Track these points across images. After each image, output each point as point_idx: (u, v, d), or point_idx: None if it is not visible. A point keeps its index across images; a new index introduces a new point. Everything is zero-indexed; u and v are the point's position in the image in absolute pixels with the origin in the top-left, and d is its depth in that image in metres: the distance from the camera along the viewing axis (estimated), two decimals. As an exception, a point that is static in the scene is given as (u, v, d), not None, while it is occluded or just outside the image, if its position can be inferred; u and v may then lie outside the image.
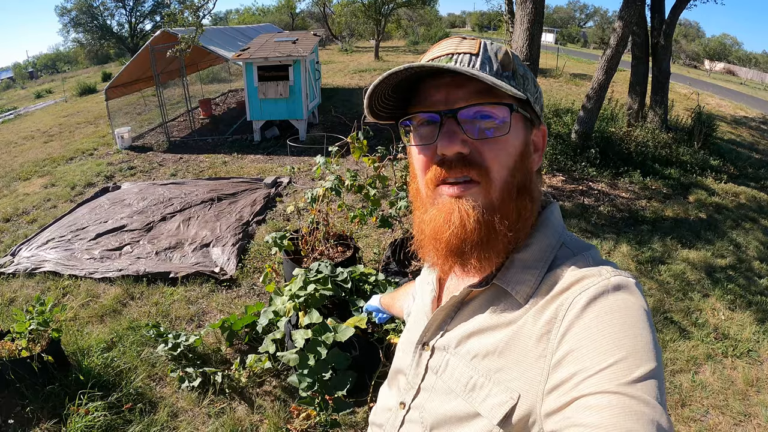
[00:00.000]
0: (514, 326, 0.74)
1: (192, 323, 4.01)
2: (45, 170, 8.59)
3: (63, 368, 3.24)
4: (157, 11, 42.67)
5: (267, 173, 7.85)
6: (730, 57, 47.28)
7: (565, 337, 0.66)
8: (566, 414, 0.60)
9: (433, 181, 0.78)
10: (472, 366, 0.78)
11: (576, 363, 0.63)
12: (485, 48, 0.76)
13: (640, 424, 0.55)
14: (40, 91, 24.11)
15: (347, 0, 28.40)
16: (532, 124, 0.81)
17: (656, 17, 9.67)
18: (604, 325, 0.64)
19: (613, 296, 0.67)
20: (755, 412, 3.21)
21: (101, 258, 5.04)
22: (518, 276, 0.77)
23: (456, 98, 0.75)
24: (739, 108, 16.85)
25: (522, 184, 0.78)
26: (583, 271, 0.72)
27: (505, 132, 0.75)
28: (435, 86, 0.77)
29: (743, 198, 7.23)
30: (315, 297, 3.07)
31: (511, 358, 0.73)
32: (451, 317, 0.86)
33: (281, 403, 3.12)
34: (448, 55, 0.76)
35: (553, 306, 0.71)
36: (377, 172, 3.84)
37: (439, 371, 0.85)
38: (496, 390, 0.73)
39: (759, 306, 4.38)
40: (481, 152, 0.75)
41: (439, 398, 0.83)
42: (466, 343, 0.80)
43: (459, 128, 0.75)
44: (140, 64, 10.42)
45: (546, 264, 0.77)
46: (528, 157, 0.80)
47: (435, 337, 0.88)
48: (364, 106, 0.81)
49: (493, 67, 0.75)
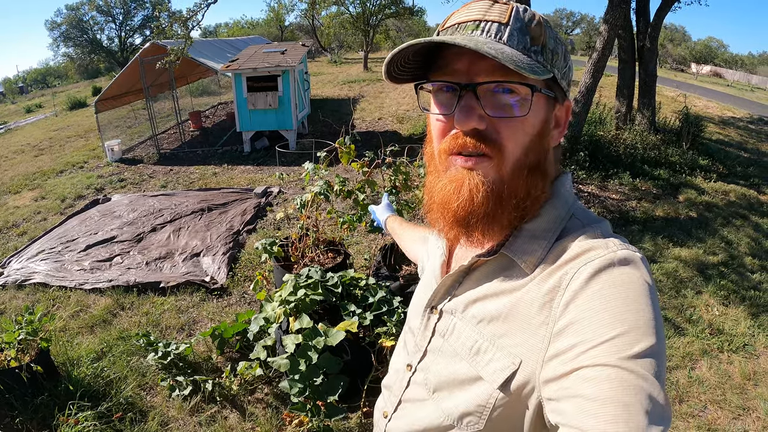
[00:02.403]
0: (519, 293, 0.74)
1: (182, 332, 3.97)
2: (35, 183, 8.53)
3: (52, 378, 3.19)
4: (147, 25, 42.82)
5: (257, 183, 7.82)
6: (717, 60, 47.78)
7: (568, 307, 0.66)
8: (565, 384, 0.61)
9: (447, 151, 0.77)
10: (477, 330, 0.79)
11: (577, 334, 0.63)
12: (516, 16, 0.73)
13: (637, 398, 0.55)
14: (31, 105, 23.96)
15: (336, 11, 28.52)
16: (556, 101, 0.79)
17: (641, 20, 9.77)
18: (607, 298, 0.63)
19: (618, 270, 0.66)
20: (754, 406, 3.20)
21: (91, 269, 4.99)
22: (526, 246, 0.77)
23: (478, 70, 0.73)
24: (726, 109, 16.99)
25: (535, 162, 0.77)
26: (591, 242, 0.71)
27: (525, 113, 0.73)
28: (458, 54, 0.75)
29: (733, 196, 7.27)
30: (305, 302, 3.04)
31: (514, 324, 0.73)
32: (459, 283, 0.86)
33: (273, 410, 3.08)
34: (474, 22, 0.73)
35: (557, 275, 0.70)
36: (366, 177, 3.83)
37: (445, 334, 0.86)
38: (499, 355, 0.74)
39: (752, 301, 4.39)
40: (497, 129, 0.74)
41: (444, 361, 0.85)
42: (473, 307, 0.81)
43: (477, 103, 0.73)
44: (130, 77, 10.40)
45: (554, 234, 0.77)
46: (546, 135, 0.79)
47: (443, 301, 0.88)
48: (382, 72, 0.80)
49: (523, 39, 0.72)
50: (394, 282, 3.66)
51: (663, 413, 0.55)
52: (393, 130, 11.02)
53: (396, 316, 3.09)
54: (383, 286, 3.41)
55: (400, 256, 4.04)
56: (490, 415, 0.75)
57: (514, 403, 0.73)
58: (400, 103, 14.33)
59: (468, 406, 0.78)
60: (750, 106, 18.92)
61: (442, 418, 0.83)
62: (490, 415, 0.75)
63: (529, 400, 0.71)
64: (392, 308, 3.17)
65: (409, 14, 27.84)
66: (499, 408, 0.74)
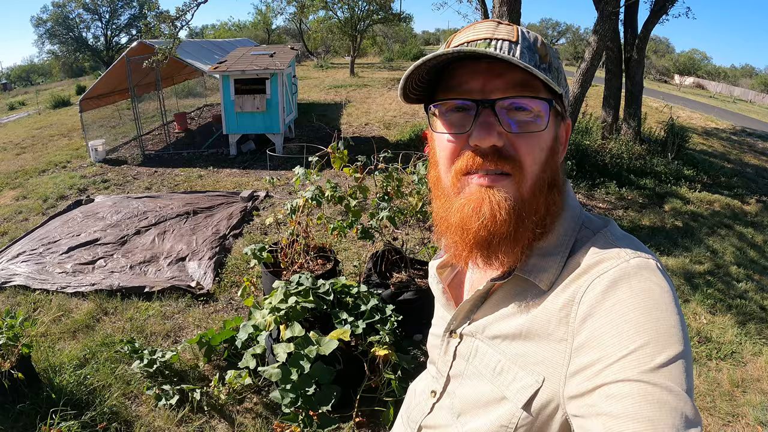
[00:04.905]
0: (536, 310, 0.73)
1: (168, 339, 3.88)
2: (17, 182, 8.37)
3: (33, 386, 3.09)
4: (133, 24, 42.43)
5: (243, 187, 7.75)
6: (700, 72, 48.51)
7: (585, 322, 0.65)
8: (588, 401, 0.60)
9: (462, 171, 0.75)
10: (500, 350, 0.78)
11: (598, 349, 0.62)
12: (523, 36, 0.73)
13: (663, 412, 0.54)
14: (13, 102, 23.52)
15: (324, 16, 28.52)
16: (562, 118, 0.79)
17: (629, 32, 9.90)
18: (625, 310, 0.62)
19: (635, 279, 0.65)
20: (743, 412, 3.24)
21: (73, 272, 4.87)
22: (539, 264, 0.76)
23: (494, 88, 0.72)
24: (709, 120, 17.29)
25: (552, 179, 0.76)
26: (603, 253, 0.70)
27: (543, 128, 0.73)
28: (471, 72, 0.74)
29: (717, 206, 7.37)
30: (296, 309, 2.99)
31: (534, 342, 0.72)
32: (477, 307, 0.85)
33: (263, 420, 3.01)
34: (485, 40, 0.72)
35: (571, 288, 0.70)
36: (358, 183, 3.79)
37: (469, 357, 0.85)
38: (522, 374, 0.73)
39: (739, 309, 4.45)
40: (515, 146, 0.73)
41: (470, 384, 0.83)
42: (493, 328, 0.80)
43: (495, 119, 0.72)
44: (116, 76, 10.26)
45: (567, 249, 0.76)
46: (557, 151, 0.78)
47: (462, 325, 0.87)
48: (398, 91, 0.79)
49: (533, 57, 0.72)
50: (385, 290, 3.62)
51: (691, 425, 0.54)
52: (380, 136, 11.01)
53: (389, 324, 3.05)
54: (375, 294, 3.38)
55: (391, 263, 4.01)
56: None
57: (537, 422, 0.71)
58: (387, 109, 14.35)
59: (490, 427, 0.76)
60: (732, 117, 19.30)
61: None
62: None
63: (552, 420, 0.70)
64: (385, 316, 3.13)
65: (396, 20, 27.90)
66: (522, 428, 0.72)
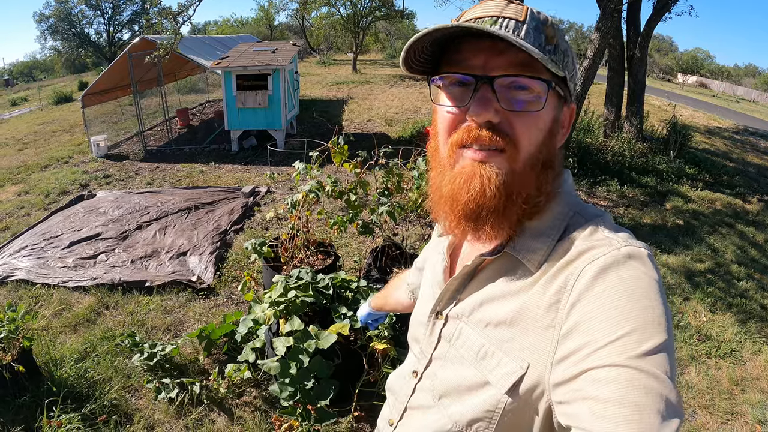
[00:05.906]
0: (525, 295, 0.73)
1: (168, 333, 3.89)
2: (19, 178, 8.39)
3: (34, 379, 3.11)
4: (136, 20, 42.45)
5: (245, 183, 7.75)
6: (703, 70, 48.43)
7: (574, 308, 0.66)
8: (575, 386, 0.61)
9: (458, 144, 0.76)
10: (484, 334, 0.78)
11: (585, 335, 0.62)
12: (532, 15, 0.73)
13: (648, 397, 0.55)
14: (16, 98, 23.58)
15: (326, 12, 28.47)
16: (564, 102, 0.79)
17: (632, 29, 9.86)
18: (613, 297, 0.63)
19: (624, 267, 0.65)
20: (742, 411, 3.24)
21: (75, 266, 4.89)
22: (530, 244, 0.76)
23: (494, 66, 0.72)
24: (712, 119, 17.24)
25: (547, 159, 0.77)
26: (594, 240, 0.71)
27: (540, 108, 0.73)
28: (474, 49, 0.74)
29: (719, 204, 7.36)
30: (296, 304, 3.00)
31: (521, 328, 0.73)
32: (464, 286, 0.86)
33: (262, 413, 3.02)
34: (492, 17, 0.72)
35: (562, 275, 0.70)
36: (358, 178, 3.80)
37: (452, 339, 0.85)
38: (507, 359, 0.73)
39: (739, 307, 4.45)
40: (511, 123, 0.73)
41: (451, 366, 0.84)
42: (479, 311, 0.80)
43: (493, 96, 0.72)
44: (118, 72, 10.27)
45: (558, 232, 0.76)
46: (556, 134, 0.78)
47: (449, 306, 0.88)
48: (400, 59, 0.79)
49: (539, 38, 0.72)
50: (384, 285, 3.62)
51: (675, 411, 0.55)
52: (382, 132, 10.99)
53: (388, 319, 3.05)
54: (374, 289, 3.38)
55: (391, 259, 4.02)
56: (499, 420, 0.74)
57: (523, 407, 0.72)
58: (389, 105, 14.33)
59: (476, 412, 0.77)
60: (735, 116, 19.24)
61: (449, 425, 0.82)
62: (500, 420, 0.74)
63: (538, 405, 0.71)
64: (384, 311, 3.13)
65: (399, 17, 27.84)
66: (509, 413, 0.73)
